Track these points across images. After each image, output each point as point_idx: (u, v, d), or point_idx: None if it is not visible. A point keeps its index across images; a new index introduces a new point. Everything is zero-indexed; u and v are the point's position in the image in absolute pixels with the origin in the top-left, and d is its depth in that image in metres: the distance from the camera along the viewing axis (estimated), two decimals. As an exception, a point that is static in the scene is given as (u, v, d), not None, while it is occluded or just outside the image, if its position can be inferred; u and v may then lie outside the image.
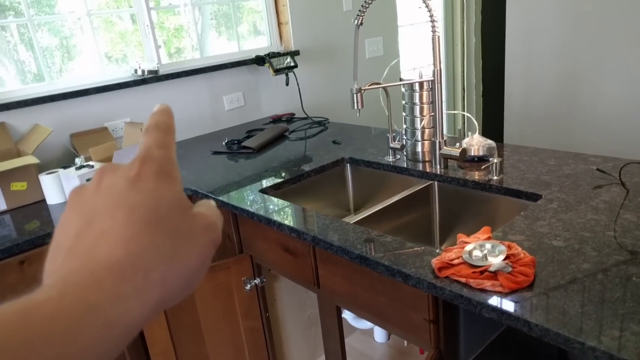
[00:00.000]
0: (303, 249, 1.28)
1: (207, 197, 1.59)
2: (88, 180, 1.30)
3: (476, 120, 3.87)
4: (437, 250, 1.56)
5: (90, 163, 1.57)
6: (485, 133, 3.87)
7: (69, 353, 0.21)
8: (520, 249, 0.94)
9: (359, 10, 1.40)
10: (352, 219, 1.36)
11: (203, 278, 0.29)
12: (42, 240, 1.35)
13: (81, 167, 1.53)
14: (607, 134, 2.55)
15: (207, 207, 0.30)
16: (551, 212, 1.13)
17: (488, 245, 0.95)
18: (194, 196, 1.67)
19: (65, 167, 1.57)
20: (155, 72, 2.19)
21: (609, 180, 1.25)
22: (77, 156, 1.76)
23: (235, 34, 2.56)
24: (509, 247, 0.95)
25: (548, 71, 2.69)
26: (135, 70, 2.18)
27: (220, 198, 1.49)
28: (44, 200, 1.60)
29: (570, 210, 1.12)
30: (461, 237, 1.03)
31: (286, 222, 1.27)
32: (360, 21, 1.41)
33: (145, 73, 2.17)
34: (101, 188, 0.28)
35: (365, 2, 1.40)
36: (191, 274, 0.27)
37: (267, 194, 1.51)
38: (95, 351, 0.22)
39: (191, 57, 2.42)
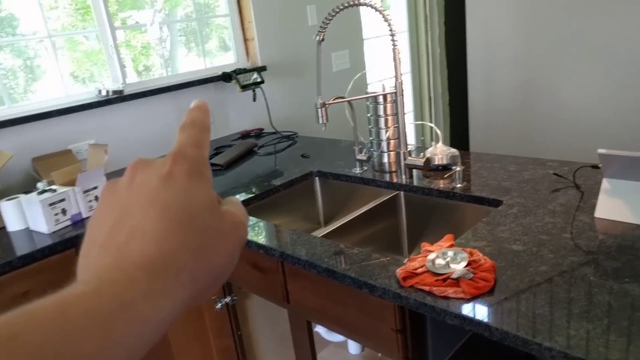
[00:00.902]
0: (272, 265, 1.28)
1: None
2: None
3: (443, 128, 3.94)
4: (405, 260, 1.58)
5: (53, 187, 1.54)
6: (453, 141, 3.95)
7: (105, 348, 0.21)
8: (481, 255, 0.96)
9: (320, 27, 1.43)
10: (322, 231, 1.37)
11: (229, 275, 0.29)
12: (1, 269, 1.31)
13: (43, 191, 1.50)
14: (564, 137, 2.63)
15: (234, 206, 0.30)
16: (511, 217, 1.16)
17: (450, 253, 0.97)
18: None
19: (27, 192, 1.54)
20: (120, 92, 2.17)
21: (565, 184, 1.29)
22: (39, 180, 1.72)
23: (203, 51, 2.56)
24: (471, 254, 0.97)
25: (508, 79, 2.77)
26: (100, 91, 2.15)
27: (188, 217, 1.48)
28: (4, 228, 1.56)
29: (529, 215, 1.15)
30: (425, 246, 1.05)
31: (254, 239, 1.27)
32: (321, 37, 1.43)
33: (110, 93, 2.14)
34: (134, 184, 0.28)
35: (325, 18, 1.43)
36: (219, 271, 0.28)
37: (235, 210, 1.50)
38: (128, 346, 0.22)
39: (159, 75, 2.41)
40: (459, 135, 4.04)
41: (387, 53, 3.67)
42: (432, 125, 1.69)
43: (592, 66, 2.46)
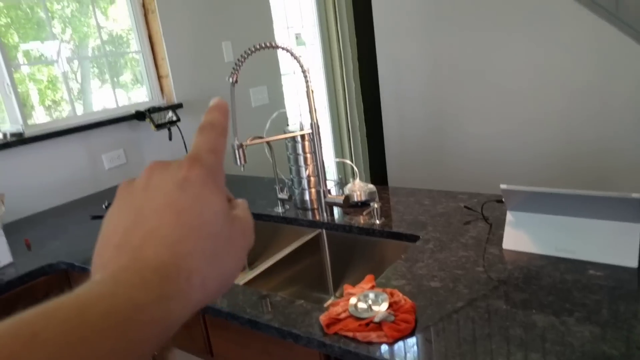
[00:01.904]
0: (192, 318, 1.22)
1: (84, 269, 1.46)
2: None
3: (362, 160, 4.07)
4: (331, 299, 1.57)
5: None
6: (372, 173, 4.07)
7: (119, 348, 0.22)
8: (401, 295, 0.98)
9: (232, 69, 1.42)
10: (247, 276, 1.33)
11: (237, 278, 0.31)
12: None
13: None
14: (471, 166, 2.82)
15: (243, 210, 0.31)
16: (428, 252, 1.20)
17: (372, 295, 0.98)
18: (69, 270, 1.52)
19: None
20: (20, 134, 2.01)
21: (475, 216, 1.37)
22: None
23: (117, 83, 2.45)
24: (391, 295, 0.98)
25: (418, 113, 2.93)
26: (-4, 134, 1.98)
27: (99, 270, 1.38)
28: None
29: (445, 249, 1.20)
30: (347, 289, 1.05)
31: (172, 290, 1.20)
32: (235, 79, 1.43)
33: (8, 136, 1.98)
34: (150, 186, 0.29)
35: (238, 60, 1.43)
36: (227, 275, 0.29)
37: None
38: (140, 346, 0.23)
39: (69, 111, 2.26)
40: (377, 166, 4.18)
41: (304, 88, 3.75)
42: (348, 161, 1.73)
43: (491, 101, 2.67)
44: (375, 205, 1.43)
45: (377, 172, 4.17)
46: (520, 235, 1.14)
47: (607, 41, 2.25)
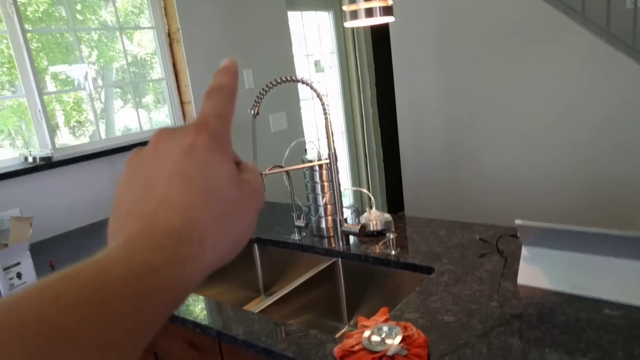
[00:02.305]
0: (209, 344, 1.24)
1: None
2: None
3: (379, 183, 4.08)
4: (345, 328, 1.58)
5: (-31, 267, 1.43)
6: (388, 198, 4.08)
7: (138, 310, 0.23)
8: (415, 329, 0.99)
9: (255, 101, 1.47)
10: (263, 303, 1.36)
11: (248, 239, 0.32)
12: None
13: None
14: (487, 197, 2.81)
15: (252, 173, 0.32)
16: (442, 285, 1.21)
17: (385, 328, 1.00)
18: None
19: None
20: (49, 158, 2.08)
21: (490, 249, 1.37)
22: (-47, 258, 1.59)
23: (139, 103, 2.54)
24: (405, 328, 1.00)
25: (435, 140, 2.95)
26: (26, 158, 2.06)
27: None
28: None
29: (459, 283, 1.21)
30: (362, 321, 1.07)
31: (190, 317, 1.23)
32: (256, 111, 1.47)
33: (37, 160, 2.06)
34: (158, 153, 0.29)
35: (260, 93, 1.48)
36: (239, 237, 0.30)
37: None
38: (157, 309, 0.24)
39: (93, 130, 2.34)
40: (393, 190, 4.19)
41: (321, 114, 3.81)
42: (365, 190, 1.76)
43: (509, 132, 2.68)
44: (391, 236, 1.45)
45: (393, 197, 4.18)
46: (535, 271, 1.14)
47: (629, 73, 2.26)
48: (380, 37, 3.95)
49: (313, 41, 3.75)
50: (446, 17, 2.75)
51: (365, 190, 1.75)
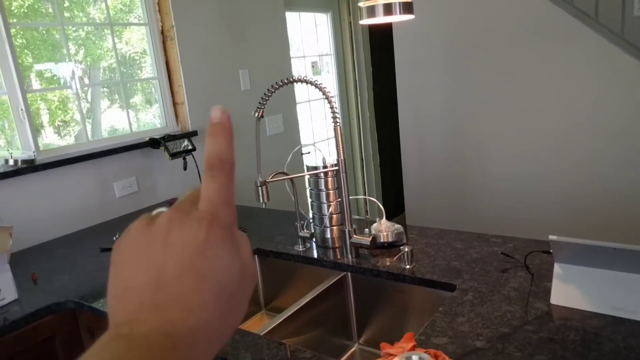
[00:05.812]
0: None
1: (93, 310, 1.37)
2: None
3: (375, 189, 3.99)
4: (354, 347, 1.47)
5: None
6: (385, 203, 3.98)
7: None
8: (446, 357, 0.89)
9: (259, 104, 1.36)
10: (263, 318, 1.24)
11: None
12: None
13: None
14: (493, 209, 2.73)
15: (245, 252, 0.31)
16: (468, 305, 1.11)
17: (415, 358, 0.89)
18: (77, 309, 1.44)
19: None
20: (31, 161, 1.94)
21: (513, 264, 1.28)
22: None
23: (127, 104, 2.40)
24: (436, 357, 0.89)
25: (438, 149, 2.87)
26: (6, 160, 1.92)
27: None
28: None
29: (486, 302, 1.11)
30: (385, 348, 0.96)
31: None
32: (260, 114, 1.36)
33: (19, 163, 1.91)
34: (169, 242, 0.28)
35: (264, 94, 1.37)
36: (237, 323, 0.30)
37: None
38: None
39: (79, 129, 2.20)
40: (391, 196, 4.10)
41: (317, 116, 3.70)
42: (375, 200, 1.65)
43: (514, 142, 2.60)
44: (406, 249, 1.34)
45: (391, 202, 4.08)
46: (570, 291, 1.05)
47: None
48: (379, 39, 3.86)
49: (310, 43, 3.65)
50: (452, 22, 2.67)
51: (374, 199, 1.64)
